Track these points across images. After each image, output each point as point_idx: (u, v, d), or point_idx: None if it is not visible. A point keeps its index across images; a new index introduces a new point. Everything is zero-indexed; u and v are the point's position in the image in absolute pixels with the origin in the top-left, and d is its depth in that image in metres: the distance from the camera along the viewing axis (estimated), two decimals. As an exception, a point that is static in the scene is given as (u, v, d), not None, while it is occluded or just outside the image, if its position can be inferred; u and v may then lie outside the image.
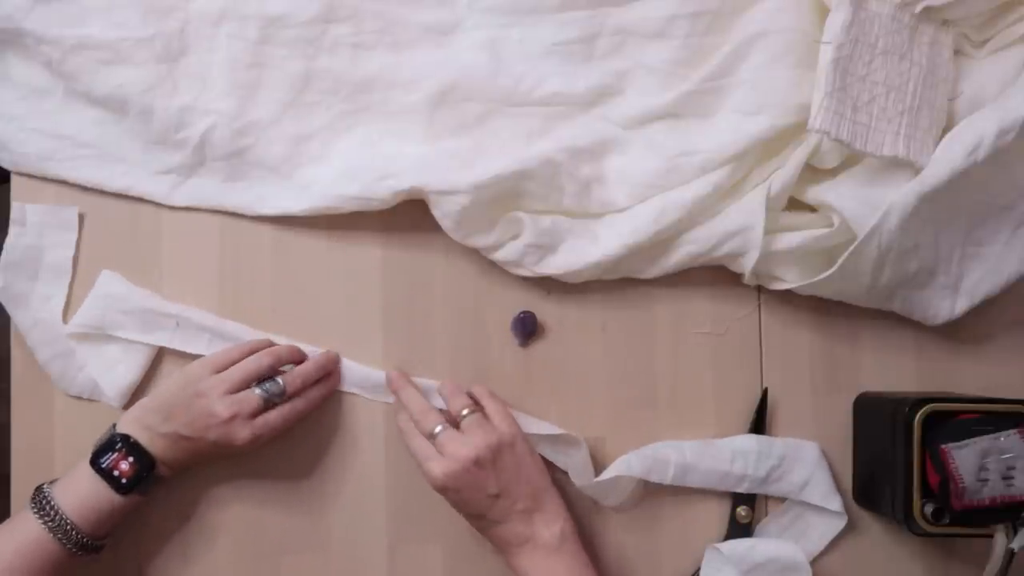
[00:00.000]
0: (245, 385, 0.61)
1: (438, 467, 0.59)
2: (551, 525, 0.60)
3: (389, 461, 0.67)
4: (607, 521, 0.66)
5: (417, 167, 0.64)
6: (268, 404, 0.61)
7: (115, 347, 0.66)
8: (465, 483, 0.59)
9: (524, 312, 0.66)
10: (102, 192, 0.67)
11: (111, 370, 0.65)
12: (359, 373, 0.66)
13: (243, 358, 0.63)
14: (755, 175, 0.64)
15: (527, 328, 0.66)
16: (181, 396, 0.61)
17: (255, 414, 0.61)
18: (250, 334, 0.66)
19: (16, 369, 0.67)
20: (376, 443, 0.67)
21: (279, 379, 0.62)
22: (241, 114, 0.65)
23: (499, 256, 0.65)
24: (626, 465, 0.64)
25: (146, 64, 0.65)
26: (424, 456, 0.60)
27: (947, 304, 0.64)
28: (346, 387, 0.67)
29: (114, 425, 0.61)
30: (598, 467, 0.66)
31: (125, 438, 0.60)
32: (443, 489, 0.59)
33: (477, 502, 0.59)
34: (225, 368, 0.62)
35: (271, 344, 0.65)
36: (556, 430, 0.65)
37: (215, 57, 0.66)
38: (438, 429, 0.60)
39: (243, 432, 0.60)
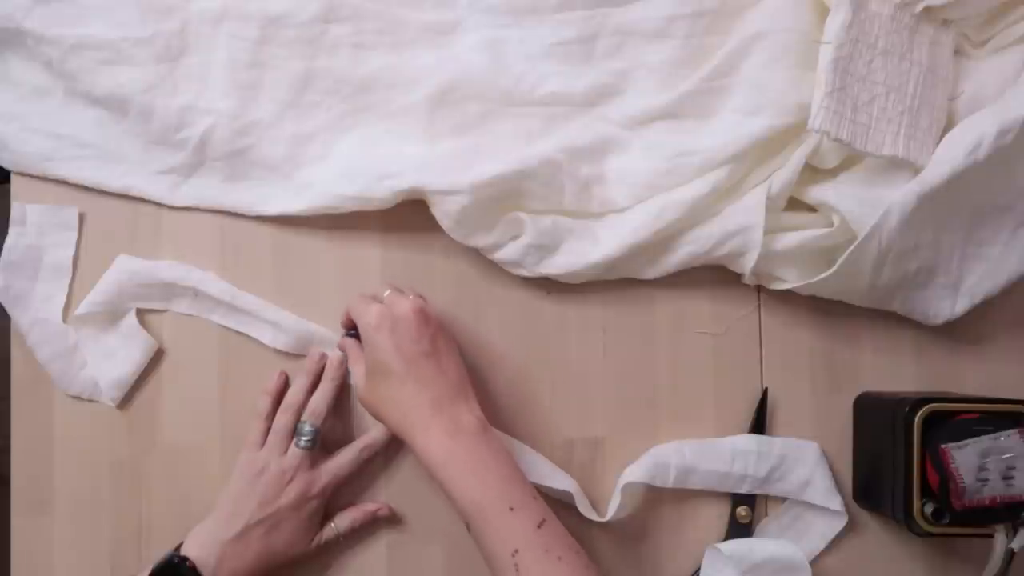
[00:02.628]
0: (288, 440, 0.63)
1: (377, 307, 0.59)
2: (474, 411, 0.58)
3: (389, 460, 0.67)
4: (607, 521, 0.66)
5: (417, 167, 0.64)
6: (314, 446, 0.63)
7: (114, 337, 0.66)
8: (402, 327, 0.58)
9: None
10: (102, 192, 0.67)
11: (108, 359, 0.65)
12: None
13: (268, 426, 0.64)
14: (755, 175, 0.64)
15: None
16: (242, 485, 0.62)
17: (311, 466, 0.63)
18: (264, 307, 0.66)
19: (16, 369, 0.67)
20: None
21: (305, 424, 0.63)
22: (241, 114, 0.65)
23: (499, 256, 0.65)
24: (629, 477, 0.64)
25: (146, 64, 0.65)
26: (364, 306, 0.60)
27: (947, 304, 0.64)
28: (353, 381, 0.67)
29: (179, 546, 0.61)
30: (598, 468, 0.66)
31: (183, 561, 0.59)
32: (377, 327, 0.58)
33: (408, 352, 0.58)
34: (262, 445, 0.63)
35: (278, 387, 0.66)
36: (564, 483, 0.64)
37: (215, 57, 0.66)
38: (386, 292, 0.61)
39: (320, 479, 0.63)
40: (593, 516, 0.64)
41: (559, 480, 0.64)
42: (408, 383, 0.58)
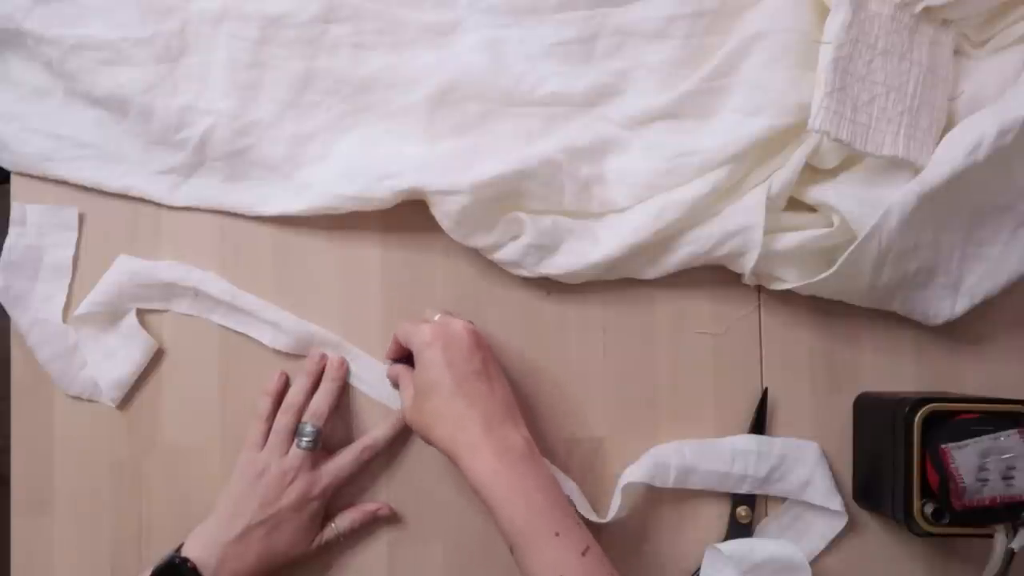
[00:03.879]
0: (289, 442, 0.63)
1: (430, 326, 0.59)
2: (522, 432, 0.58)
3: (390, 460, 0.67)
4: (607, 522, 0.66)
5: (417, 167, 0.64)
6: (315, 447, 0.63)
7: (114, 337, 0.66)
8: (455, 345, 0.58)
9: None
10: (102, 192, 0.67)
11: (108, 360, 0.65)
12: (371, 373, 0.67)
13: (269, 427, 0.64)
14: (755, 175, 0.64)
15: None
16: (243, 486, 0.62)
17: (312, 466, 0.63)
18: (264, 307, 0.66)
19: (16, 369, 0.67)
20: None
21: (306, 425, 0.63)
22: (241, 114, 0.65)
23: (499, 256, 0.65)
24: (629, 478, 0.64)
25: (146, 64, 0.65)
26: (416, 326, 0.60)
27: (947, 304, 0.64)
28: (353, 382, 0.67)
29: (180, 547, 0.61)
30: (598, 468, 0.66)
31: (184, 562, 0.59)
32: (430, 344, 0.58)
33: (460, 369, 0.58)
34: (263, 446, 0.63)
35: (278, 388, 0.66)
36: (564, 485, 0.64)
37: (215, 57, 0.66)
38: (436, 315, 0.61)
39: (321, 480, 0.63)
40: (593, 517, 0.64)
41: (559, 483, 0.64)
42: (458, 400, 0.57)
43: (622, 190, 0.65)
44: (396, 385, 0.65)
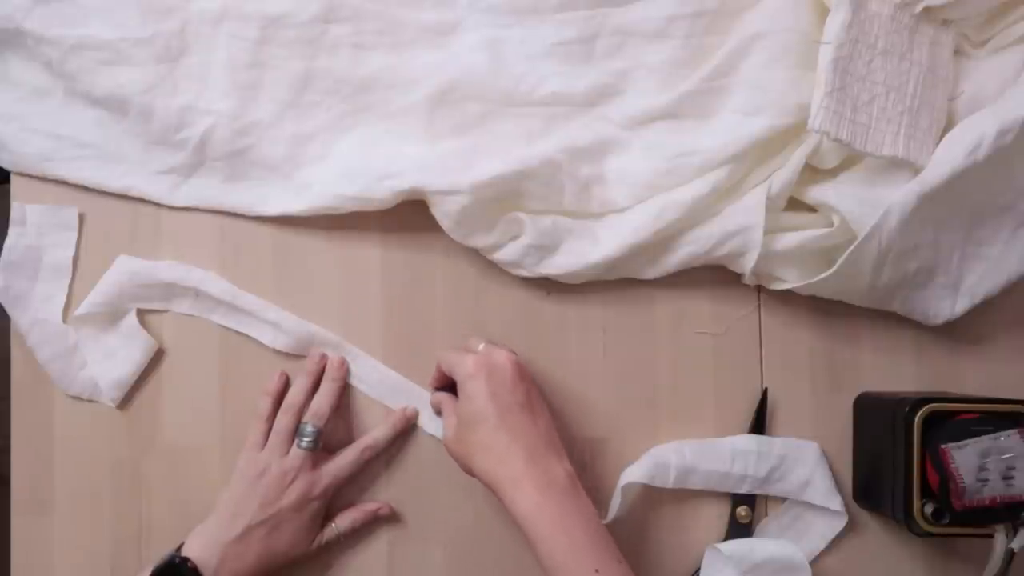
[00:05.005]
0: (290, 442, 0.63)
1: (473, 356, 0.59)
2: (565, 466, 0.58)
3: (390, 460, 0.67)
4: (607, 522, 0.66)
5: (417, 167, 0.64)
6: (316, 447, 0.63)
7: (114, 337, 0.66)
8: (499, 376, 0.58)
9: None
10: (102, 192, 0.67)
11: (108, 360, 0.65)
12: (372, 373, 0.67)
13: (269, 427, 0.64)
14: (755, 175, 0.64)
15: None
16: (243, 486, 0.62)
17: (313, 466, 0.63)
18: (264, 307, 0.66)
19: (16, 369, 0.67)
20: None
21: (307, 425, 0.63)
22: (241, 114, 0.65)
23: (499, 256, 0.65)
24: (629, 478, 0.64)
25: (146, 64, 0.65)
26: (460, 356, 0.60)
27: (947, 304, 0.64)
28: (354, 382, 0.67)
29: (180, 546, 0.61)
30: (598, 468, 0.66)
31: (184, 561, 0.59)
32: (474, 375, 0.58)
33: (504, 401, 0.57)
34: (263, 446, 0.63)
35: (278, 388, 0.66)
36: None
37: (215, 57, 0.66)
38: (480, 347, 0.61)
39: (322, 480, 0.63)
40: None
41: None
42: (502, 432, 0.57)
43: (622, 190, 0.65)
44: (439, 412, 0.65)
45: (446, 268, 0.67)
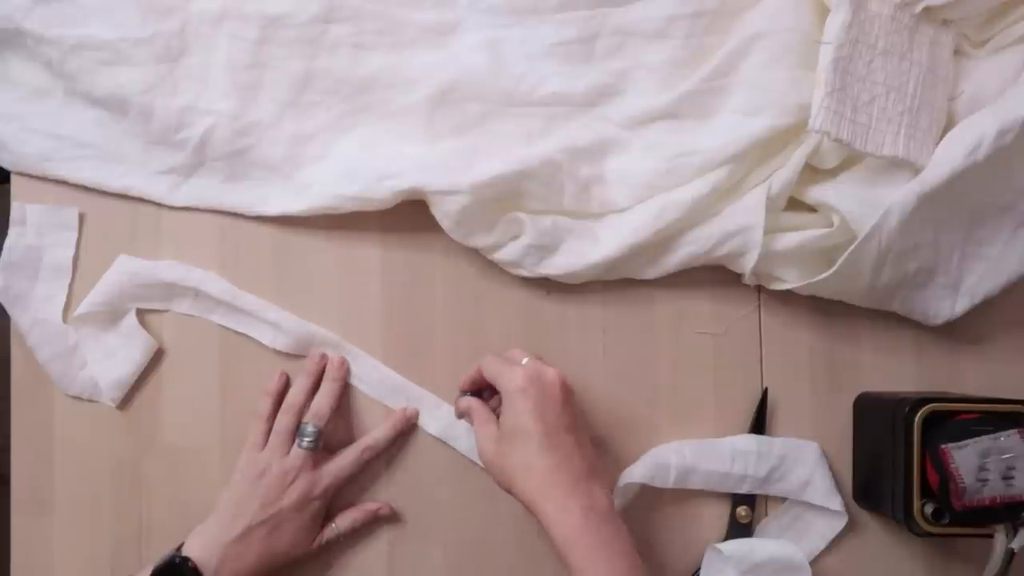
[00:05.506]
0: (290, 442, 0.63)
1: (523, 370, 0.58)
2: (607, 493, 0.57)
3: (390, 460, 0.67)
4: (607, 521, 0.66)
5: (417, 167, 0.64)
6: (316, 447, 0.63)
7: (114, 337, 0.66)
8: (549, 394, 0.57)
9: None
10: (102, 192, 0.67)
11: (108, 359, 0.65)
12: (372, 373, 0.67)
13: (269, 427, 0.64)
14: (755, 175, 0.64)
15: None
16: (244, 486, 0.62)
17: (313, 466, 0.63)
18: (264, 308, 0.66)
19: (16, 369, 0.67)
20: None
21: (308, 425, 0.63)
22: (241, 114, 0.65)
23: (499, 256, 0.65)
24: (628, 478, 0.64)
25: (146, 64, 0.65)
26: (508, 367, 0.59)
27: (947, 304, 0.64)
28: (354, 382, 0.67)
29: (180, 546, 0.61)
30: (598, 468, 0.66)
31: (184, 561, 0.59)
32: (524, 391, 0.56)
33: (551, 421, 0.56)
34: (264, 446, 0.63)
35: (278, 388, 0.66)
36: None
37: (215, 57, 0.66)
38: (525, 360, 0.60)
39: (322, 480, 0.63)
40: None
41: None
42: (547, 453, 0.56)
43: (622, 190, 0.65)
44: (461, 416, 0.64)
45: (446, 268, 0.68)
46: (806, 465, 0.65)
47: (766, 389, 0.67)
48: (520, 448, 0.56)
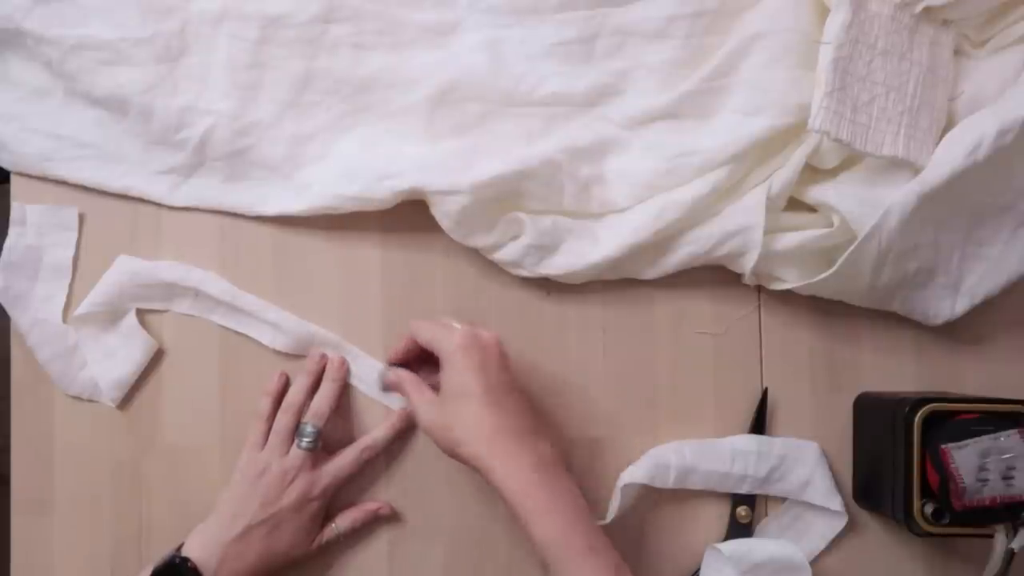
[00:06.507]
0: (290, 442, 0.63)
1: (461, 330, 0.58)
2: (548, 441, 0.58)
3: (390, 460, 0.67)
4: (607, 523, 0.66)
5: (417, 167, 0.64)
6: (316, 447, 0.63)
7: (114, 337, 0.66)
8: (489, 353, 0.58)
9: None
10: (102, 192, 0.67)
11: (108, 359, 0.65)
12: (371, 373, 0.67)
13: (269, 427, 0.64)
14: (755, 175, 0.64)
15: None
16: (244, 486, 0.62)
17: (312, 466, 0.63)
18: (264, 308, 0.66)
19: (16, 369, 0.67)
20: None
21: (307, 425, 0.63)
22: (241, 114, 0.65)
23: (499, 256, 0.65)
24: (628, 478, 0.64)
25: (146, 64, 0.65)
26: (445, 329, 0.59)
27: (947, 304, 0.64)
28: (354, 382, 0.67)
29: (180, 546, 0.61)
30: (598, 468, 0.66)
31: (184, 561, 0.59)
32: (464, 348, 0.57)
33: (494, 378, 0.57)
34: (263, 446, 0.63)
35: (278, 388, 0.66)
36: None
37: (215, 57, 0.66)
38: (458, 325, 0.60)
39: (322, 480, 0.63)
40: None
41: None
42: (490, 409, 0.56)
43: (622, 190, 0.65)
44: (388, 389, 0.64)
45: (446, 268, 0.68)
46: (806, 465, 0.65)
47: (766, 389, 0.67)
48: (464, 408, 0.57)
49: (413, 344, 0.62)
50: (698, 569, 0.64)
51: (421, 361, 0.63)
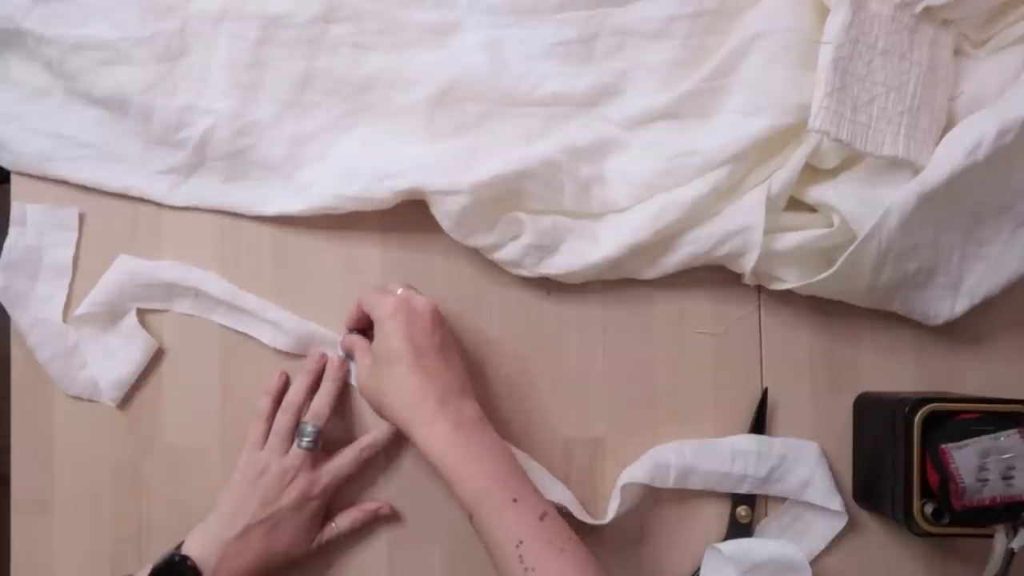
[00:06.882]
0: (289, 441, 0.63)
1: (393, 297, 0.60)
2: (475, 406, 0.59)
3: (390, 461, 0.67)
4: (606, 523, 0.66)
5: (417, 167, 0.64)
6: (316, 446, 0.63)
7: (114, 337, 0.66)
8: (417, 319, 0.59)
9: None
10: (102, 192, 0.67)
11: (108, 359, 0.65)
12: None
13: (269, 427, 0.64)
14: (755, 175, 0.64)
15: None
16: (243, 485, 0.62)
17: (312, 466, 0.63)
18: (265, 307, 0.66)
19: (16, 369, 0.67)
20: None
21: (307, 425, 0.63)
22: (241, 114, 0.65)
23: (499, 256, 0.65)
24: (628, 478, 0.64)
25: (146, 64, 0.65)
26: (380, 296, 0.61)
27: (947, 304, 0.64)
28: (354, 382, 0.67)
29: (179, 545, 0.61)
30: (598, 468, 0.66)
31: (183, 560, 0.59)
32: (393, 315, 0.59)
33: (420, 343, 0.59)
34: (263, 446, 0.63)
35: (278, 387, 0.66)
36: (560, 494, 0.64)
37: (215, 57, 0.66)
38: (400, 290, 0.62)
39: (321, 479, 0.63)
40: (589, 520, 0.64)
41: (555, 492, 0.64)
42: (416, 373, 0.58)
43: (622, 190, 0.65)
44: (350, 356, 0.65)
45: (446, 268, 0.68)
46: (806, 465, 0.65)
47: (766, 389, 0.67)
48: (390, 371, 0.59)
49: (361, 311, 0.64)
50: (698, 569, 0.64)
51: None
